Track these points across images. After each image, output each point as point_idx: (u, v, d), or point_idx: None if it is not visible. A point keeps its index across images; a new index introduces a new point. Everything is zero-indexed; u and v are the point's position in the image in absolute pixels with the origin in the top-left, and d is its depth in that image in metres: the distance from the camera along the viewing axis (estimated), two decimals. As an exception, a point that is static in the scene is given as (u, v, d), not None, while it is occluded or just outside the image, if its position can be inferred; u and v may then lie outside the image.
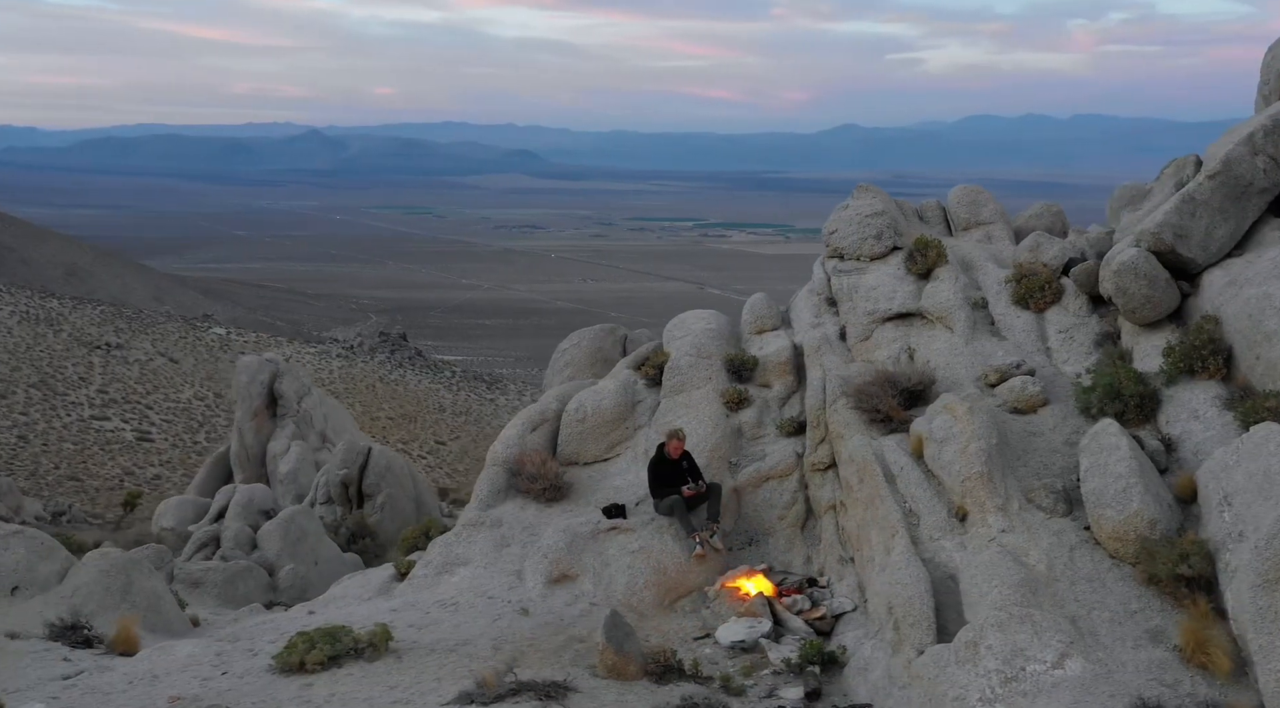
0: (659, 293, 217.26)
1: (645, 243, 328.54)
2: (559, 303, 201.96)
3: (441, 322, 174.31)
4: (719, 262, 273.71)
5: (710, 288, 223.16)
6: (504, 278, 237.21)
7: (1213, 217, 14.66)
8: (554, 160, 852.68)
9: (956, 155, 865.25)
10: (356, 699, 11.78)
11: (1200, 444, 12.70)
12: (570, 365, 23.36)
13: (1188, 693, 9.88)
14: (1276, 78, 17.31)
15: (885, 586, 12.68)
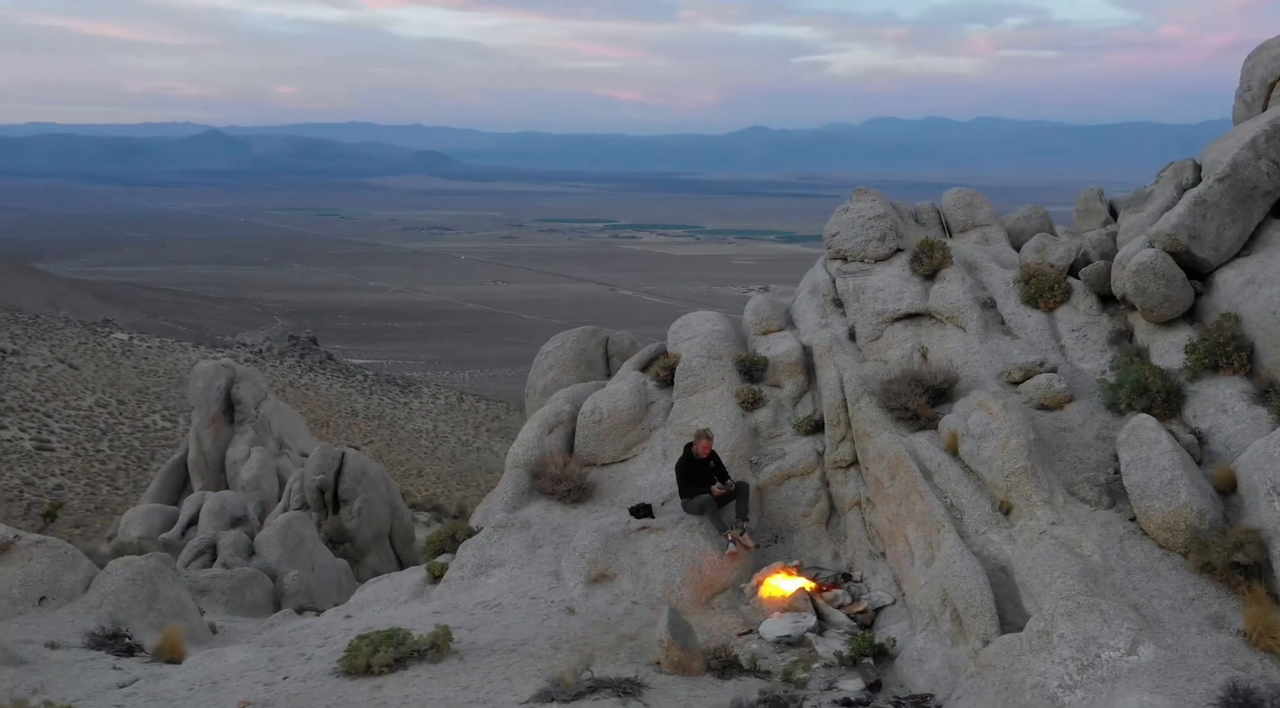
0: (571, 294, 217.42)
1: (556, 244, 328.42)
2: (470, 305, 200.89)
3: (350, 324, 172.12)
4: (630, 263, 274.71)
5: (622, 289, 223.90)
6: (413, 280, 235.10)
7: (1222, 218, 15.32)
8: (463, 161, 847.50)
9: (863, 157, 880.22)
10: (432, 700, 11.81)
11: (1231, 437, 13.26)
12: (555, 367, 23.45)
13: (1260, 676, 10.35)
14: (1259, 84, 18.09)
15: (936, 578, 12.99)
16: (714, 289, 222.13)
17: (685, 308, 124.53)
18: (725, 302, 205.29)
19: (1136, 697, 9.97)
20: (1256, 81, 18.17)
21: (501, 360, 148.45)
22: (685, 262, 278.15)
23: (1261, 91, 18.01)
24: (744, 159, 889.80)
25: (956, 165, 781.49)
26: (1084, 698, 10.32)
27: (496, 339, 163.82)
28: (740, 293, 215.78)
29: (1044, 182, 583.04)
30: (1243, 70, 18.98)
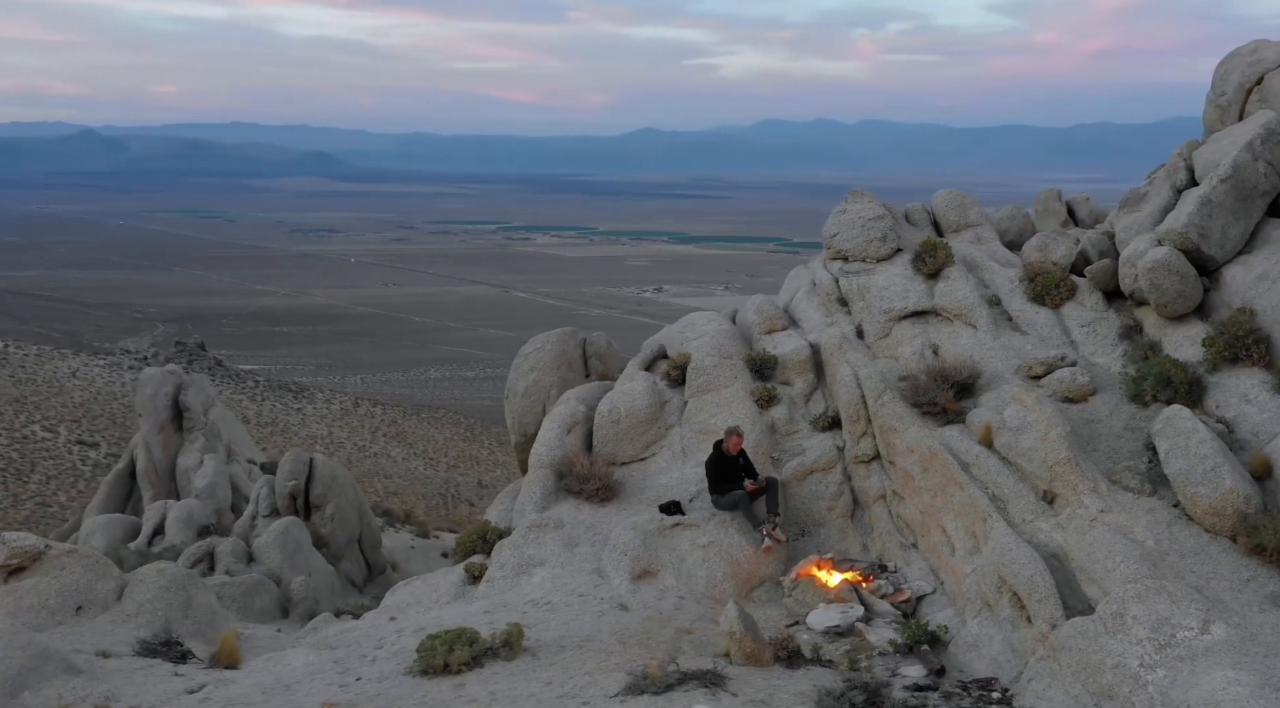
0: (464, 296, 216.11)
1: (448, 246, 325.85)
2: (361, 308, 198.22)
3: (236, 329, 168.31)
4: (524, 264, 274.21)
5: (516, 291, 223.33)
6: (302, 283, 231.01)
7: (1226, 217, 16.10)
8: (352, 162, 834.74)
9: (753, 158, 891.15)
10: (520, 696, 11.86)
11: (1259, 426, 13.95)
12: (536, 369, 23.55)
13: None
14: (1235, 89, 19.00)
15: (988, 566, 13.41)
16: (609, 290, 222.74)
17: (581, 309, 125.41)
18: (620, 303, 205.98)
19: (1220, 673, 10.50)
20: (1232, 87, 19.09)
21: (395, 364, 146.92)
22: (579, 263, 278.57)
23: (1238, 96, 18.92)
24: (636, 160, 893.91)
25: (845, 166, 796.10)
26: (1165, 676, 10.81)
27: (389, 343, 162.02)
28: (635, 294, 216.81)
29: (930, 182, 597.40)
30: (1214, 76, 19.89)
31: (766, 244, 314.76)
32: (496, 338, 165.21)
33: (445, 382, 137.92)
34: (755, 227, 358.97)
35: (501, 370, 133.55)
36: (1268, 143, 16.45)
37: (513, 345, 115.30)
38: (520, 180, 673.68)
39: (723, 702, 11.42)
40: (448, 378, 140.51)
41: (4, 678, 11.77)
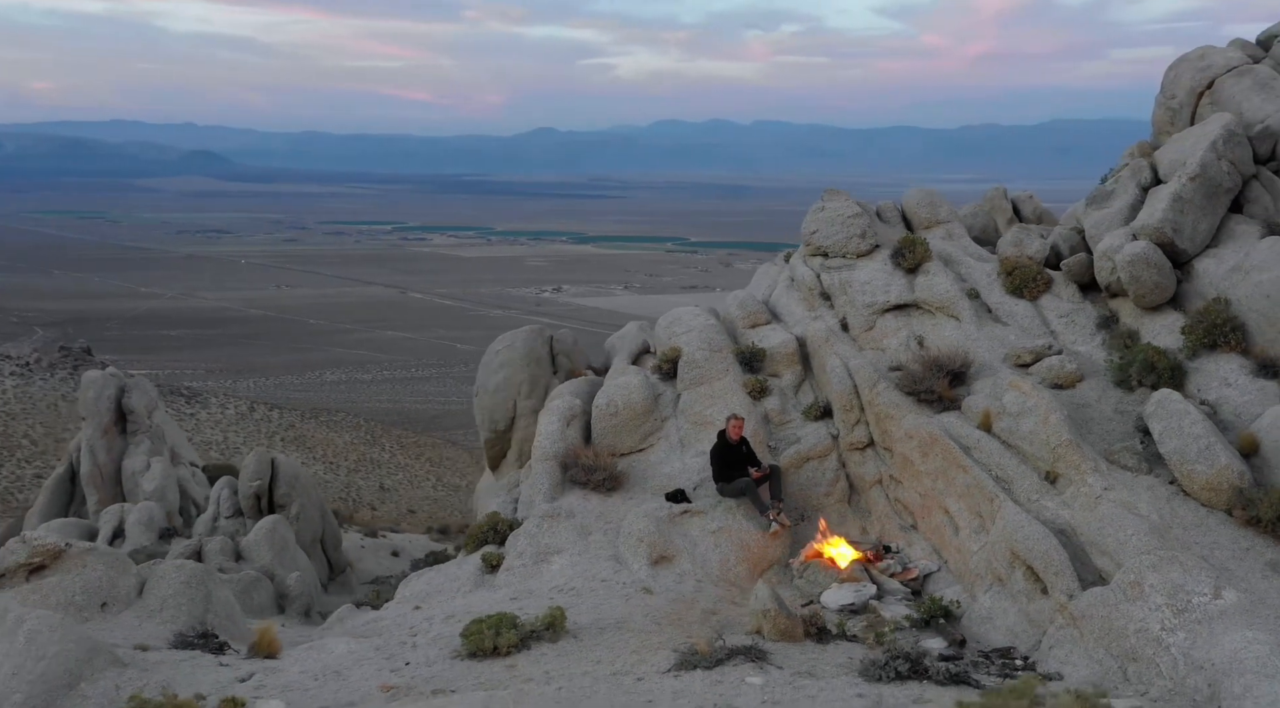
0: (360, 297, 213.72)
1: (343, 247, 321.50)
2: (252, 310, 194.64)
3: (121, 333, 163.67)
4: (421, 265, 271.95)
5: (413, 292, 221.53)
6: (190, 285, 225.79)
7: (1196, 213, 17.17)
8: (241, 162, 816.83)
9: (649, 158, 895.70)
10: (574, 674, 12.25)
11: (1240, 407, 14.97)
12: (506, 365, 23.90)
13: None
14: (1186, 93, 20.19)
15: (998, 543, 14.15)
16: (507, 291, 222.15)
17: (479, 310, 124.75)
18: (519, 303, 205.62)
19: (1239, 634, 11.33)
20: (1183, 90, 20.27)
21: (290, 367, 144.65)
22: (477, 263, 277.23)
23: (1189, 99, 20.11)
24: (533, 160, 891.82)
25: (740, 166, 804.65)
26: (1186, 639, 11.62)
27: (284, 345, 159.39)
28: (534, 294, 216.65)
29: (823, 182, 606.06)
30: (1164, 79, 21.08)
31: (665, 244, 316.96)
32: (394, 339, 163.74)
33: (343, 384, 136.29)
34: (653, 226, 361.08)
35: (400, 372, 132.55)
36: (1229, 143, 17.58)
37: (410, 347, 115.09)
38: (416, 180, 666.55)
39: (771, 674, 11.95)
40: (345, 381, 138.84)
41: (63, 670, 11.87)
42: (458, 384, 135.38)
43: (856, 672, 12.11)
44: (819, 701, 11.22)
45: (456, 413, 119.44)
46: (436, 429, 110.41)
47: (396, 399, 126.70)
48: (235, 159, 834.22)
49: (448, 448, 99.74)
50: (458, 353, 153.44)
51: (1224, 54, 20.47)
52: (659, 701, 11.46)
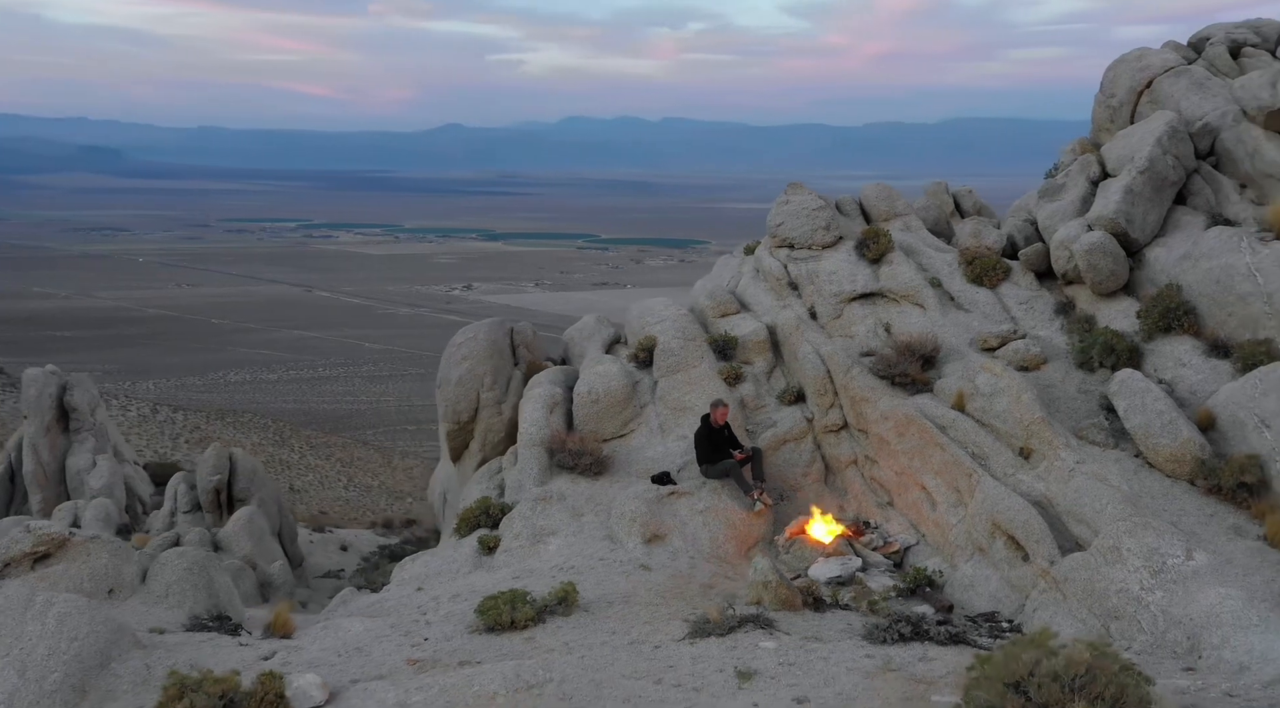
0: (263, 296, 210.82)
1: (245, 245, 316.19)
2: (150, 310, 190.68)
3: (11, 335, 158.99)
4: (327, 263, 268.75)
5: (319, 290, 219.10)
6: (83, 285, 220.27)
7: (1146, 205, 18.28)
8: (137, 157, 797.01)
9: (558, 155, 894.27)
10: (593, 644, 12.83)
11: (1195, 385, 16.05)
12: (469, 358, 24.28)
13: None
14: (1126, 92, 21.38)
15: (979, 515, 15.04)
16: (416, 288, 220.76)
17: (388, 308, 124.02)
18: (429, 301, 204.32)
19: (1214, 591, 12.30)
20: (1123, 89, 21.46)
21: (192, 368, 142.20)
22: (385, 261, 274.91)
23: (1129, 97, 21.31)
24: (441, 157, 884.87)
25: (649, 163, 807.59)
26: (1164, 597, 12.56)
27: (184, 346, 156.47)
28: (444, 292, 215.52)
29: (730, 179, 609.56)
30: (1104, 79, 22.28)
31: (575, 240, 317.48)
32: (299, 339, 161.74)
33: (247, 385, 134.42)
34: (563, 223, 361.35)
35: (307, 372, 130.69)
36: (1173, 139, 18.76)
37: (317, 346, 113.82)
38: (320, 177, 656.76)
39: (781, 640, 12.63)
40: (249, 381, 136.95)
41: (95, 650, 12.12)
42: (366, 383, 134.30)
43: (860, 636, 12.85)
44: (831, 661, 11.93)
45: (365, 413, 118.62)
46: (345, 429, 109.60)
47: (303, 399, 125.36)
48: (131, 155, 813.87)
49: (358, 448, 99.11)
50: (365, 352, 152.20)
51: (1160, 55, 21.72)
52: (679, 665, 12.09)
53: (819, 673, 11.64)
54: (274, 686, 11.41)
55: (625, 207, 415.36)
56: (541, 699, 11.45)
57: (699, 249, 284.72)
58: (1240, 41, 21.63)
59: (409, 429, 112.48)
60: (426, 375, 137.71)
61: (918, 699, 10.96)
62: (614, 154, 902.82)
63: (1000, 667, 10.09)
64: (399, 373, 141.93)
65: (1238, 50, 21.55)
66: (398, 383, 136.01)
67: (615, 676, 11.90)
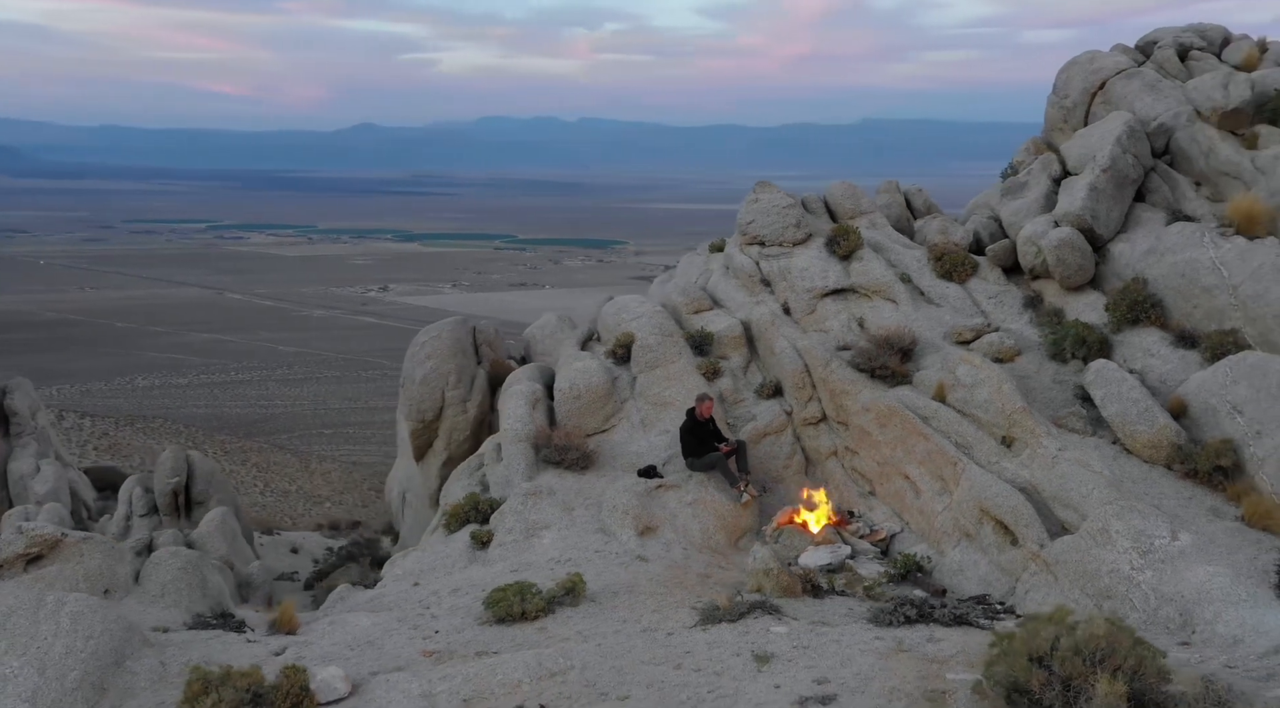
0: (172, 299, 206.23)
1: (153, 246, 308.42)
2: (52, 314, 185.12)
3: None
4: (238, 265, 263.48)
5: (231, 293, 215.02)
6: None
7: (1109, 202, 18.98)
8: (39, 157, 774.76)
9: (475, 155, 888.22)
10: (606, 633, 13.08)
11: (1164, 375, 16.74)
12: (433, 357, 24.42)
13: (1273, 546, 13.59)
14: (1080, 93, 22.14)
15: (965, 502, 15.54)
16: (331, 290, 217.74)
17: (302, 310, 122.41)
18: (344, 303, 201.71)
19: (1201, 569, 12.89)
20: (1076, 90, 22.22)
21: (98, 373, 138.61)
22: (299, 263, 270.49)
23: (1083, 98, 22.07)
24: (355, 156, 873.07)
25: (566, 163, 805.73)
26: (1153, 576, 13.13)
27: (89, 350, 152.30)
28: (360, 293, 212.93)
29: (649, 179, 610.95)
30: (1057, 79, 23.05)
31: (493, 241, 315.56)
32: (211, 342, 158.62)
33: (156, 390, 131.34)
34: (480, 224, 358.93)
35: (219, 376, 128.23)
36: (1132, 138, 19.51)
37: (229, 350, 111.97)
38: (231, 176, 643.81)
39: (791, 625, 12.95)
40: (159, 386, 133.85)
41: (110, 649, 12.11)
42: (280, 387, 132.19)
43: (866, 619, 13.24)
44: (844, 644, 12.28)
45: (280, 416, 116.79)
46: (260, 434, 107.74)
47: (216, 404, 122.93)
48: (32, 154, 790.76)
49: (274, 452, 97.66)
50: (280, 355, 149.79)
51: (1111, 58, 22.51)
52: (696, 651, 12.35)
53: (834, 655, 11.98)
54: (298, 679, 11.46)
55: (543, 207, 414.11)
56: (566, 686, 11.64)
57: (618, 249, 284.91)
58: (1187, 45, 22.54)
59: (325, 433, 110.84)
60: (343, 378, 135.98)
61: (933, 678, 11.33)
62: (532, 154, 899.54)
63: (1023, 643, 10.51)
64: (314, 376, 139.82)
65: (1185, 53, 22.45)
66: (313, 386, 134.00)
67: (635, 662, 12.13)
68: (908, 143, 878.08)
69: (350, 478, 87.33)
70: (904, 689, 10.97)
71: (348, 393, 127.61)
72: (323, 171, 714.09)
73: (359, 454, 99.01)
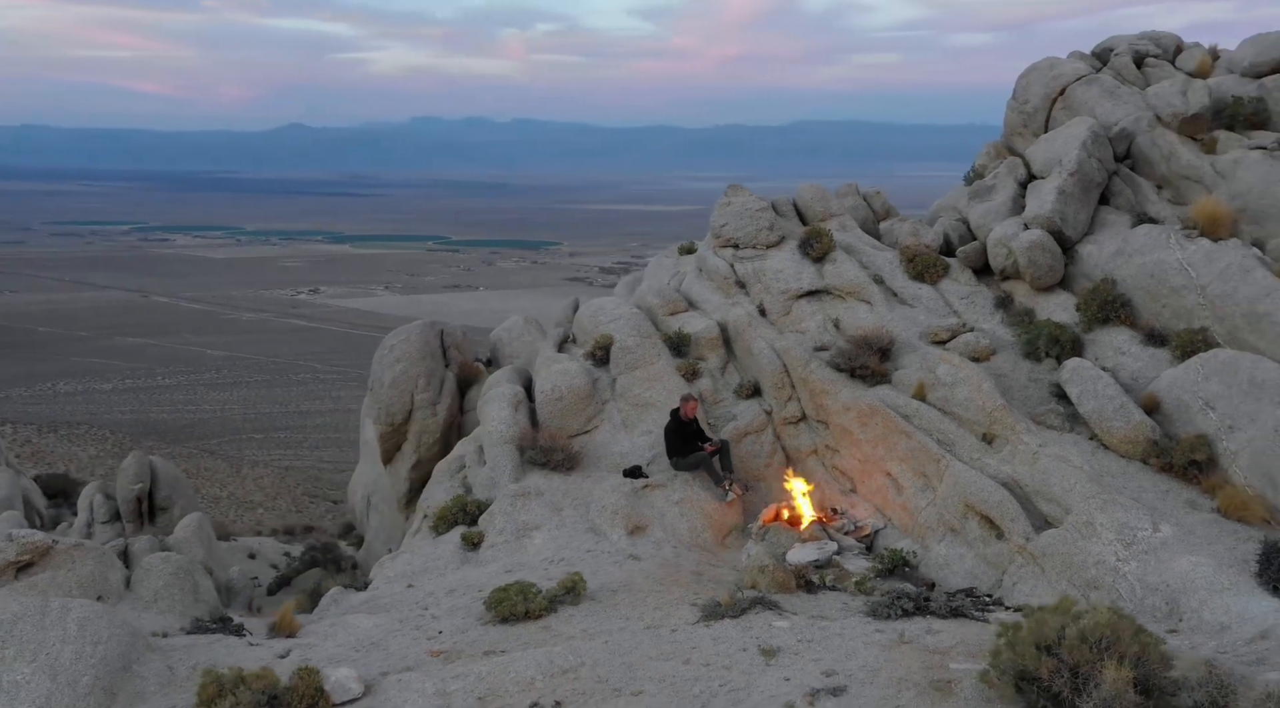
0: (95, 302, 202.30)
1: (73, 249, 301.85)
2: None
3: None
4: (164, 267, 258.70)
5: (156, 296, 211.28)
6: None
7: (1076, 205, 19.54)
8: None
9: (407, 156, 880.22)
10: (610, 630, 13.30)
11: (1135, 372, 17.27)
12: (402, 360, 24.49)
13: (1250, 536, 14.12)
14: (1040, 98, 22.73)
15: (950, 498, 15.95)
16: (261, 293, 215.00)
17: (230, 313, 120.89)
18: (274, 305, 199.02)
19: (1185, 559, 13.37)
20: (1036, 96, 22.81)
21: (16, 379, 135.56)
22: (227, 265, 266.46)
23: (1043, 104, 22.66)
24: (284, 157, 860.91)
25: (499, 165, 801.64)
26: (1138, 567, 13.59)
27: (10, 356, 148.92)
28: (290, 296, 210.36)
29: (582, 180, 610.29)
30: (1017, 85, 23.63)
31: (425, 242, 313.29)
32: (136, 347, 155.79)
33: (80, 396, 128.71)
34: (412, 225, 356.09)
35: (145, 381, 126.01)
36: (1096, 143, 20.10)
37: (155, 354, 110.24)
38: (155, 177, 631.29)
39: (792, 620, 13.22)
40: (82, 391, 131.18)
41: (118, 654, 12.13)
42: (209, 391, 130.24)
43: (863, 613, 13.56)
44: (846, 637, 12.58)
45: (209, 421, 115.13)
46: (189, 439, 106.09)
47: (141, 409, 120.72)
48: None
49: (204, 458, 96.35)
50: (208, 359, 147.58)
51: (1070, 64, 23.15)
52: (702, 646, 12.59)
53: (838, 648, 12.27)
54: (312, 680, 11.54)
55: (476, 208, 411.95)
56: (579, 683, 11.80)
57: (552, 250, 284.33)
58: (1143, 52, 23.25)
59: (256, 438, 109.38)
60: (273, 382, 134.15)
61: (937, 668, 11.65)
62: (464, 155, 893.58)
63: (1031, 632, 10.86)
64: (243, 380, 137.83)
65: (1140, 60, 23.15)
66: (243, 390, 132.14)
67: (643, 658, 12.33)
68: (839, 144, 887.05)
69: (283, 483, 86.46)
70: (911, 679, 11.28)
71: (278, 397, 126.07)
72: (251, 172, 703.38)
73: (291, 459, 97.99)
